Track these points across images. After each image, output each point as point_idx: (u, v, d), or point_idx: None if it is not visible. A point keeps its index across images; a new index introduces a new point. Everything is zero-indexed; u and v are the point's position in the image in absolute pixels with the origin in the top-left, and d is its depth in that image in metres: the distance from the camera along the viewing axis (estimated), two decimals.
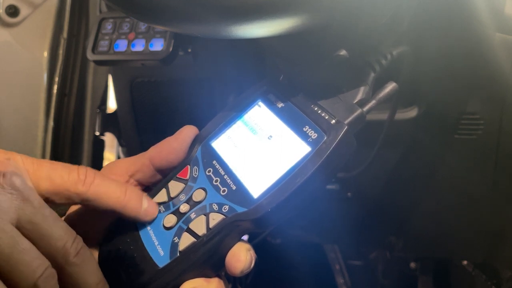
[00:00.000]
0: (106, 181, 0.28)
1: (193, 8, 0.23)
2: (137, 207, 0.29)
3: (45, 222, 0.24)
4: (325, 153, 0.27)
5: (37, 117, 0.65)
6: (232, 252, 0.28)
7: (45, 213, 0.25)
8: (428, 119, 0.51)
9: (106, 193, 0.28)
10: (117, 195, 0.28)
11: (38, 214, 0.24)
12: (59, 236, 0.25)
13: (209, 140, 0.33)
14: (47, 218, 0.25)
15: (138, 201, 0.29)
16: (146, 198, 0.30)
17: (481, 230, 0.61)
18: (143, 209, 0.29)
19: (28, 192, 0.24)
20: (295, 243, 0.89)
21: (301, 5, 0.23)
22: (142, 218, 0.30)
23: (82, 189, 0.27)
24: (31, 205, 0.24)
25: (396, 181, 0.61)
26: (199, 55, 0.61)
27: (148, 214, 0.30)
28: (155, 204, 0.31)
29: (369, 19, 0.29)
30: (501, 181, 0.53)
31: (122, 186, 0.29)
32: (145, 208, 0.30)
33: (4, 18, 0.64)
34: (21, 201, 0.24)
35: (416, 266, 0.84)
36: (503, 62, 0.43)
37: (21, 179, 0.24)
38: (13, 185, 0.24)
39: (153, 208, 0.30)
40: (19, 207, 0.24)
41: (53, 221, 0.25)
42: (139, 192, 0.30)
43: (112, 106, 0.81)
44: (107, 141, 0.79)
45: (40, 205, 0.25)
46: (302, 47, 0.30)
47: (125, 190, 0.29)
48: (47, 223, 0.24)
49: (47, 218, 0.24)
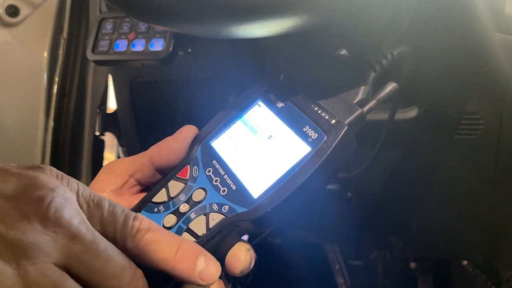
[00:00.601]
0: (158, 235, 0.24)
1: (193, 8, 0.23)
2: (190, 269, 0.24)
3: (98, 260, 0.21)
4: (325, 153, 0.27)
5: (37, 117, 0.65)
6: (232, 252, 0.28)
7: (98, 248, 0.21)
8: (428, 119, 0.51)
9: (154, 251, 0.24)
10: (167, 252, 0.24)
11: (89, 251, 0.21)
12: (114, 274, 0.22)
13: (209, 140, 0.33)
14: (100, 254, 0.21)
15: (191, 261, 0.24)
16: (204, 256, 0.25)
17: (481, 230, 0.61)
18: (197, 271, 0.24)
19: (76, 226, 0.21)
20: (295, 243, 0.89)
21: (301, 5, 0.23)
22: (195, 282, 0.24)
23: (131, 245, 0.23)
24: (80, 242, 0.21)
25: (396, 181, 0.61)
26: (199, 55, 0.61)
27: (203, 278, 0.24)
28: (216, 263, 0.25)
29: (369, 19, 0.29)
30: (501, 181, 0.53)
31: (177, 240, 0.24)
32: (199, 271, 0.24)
33: (4, 18, 0.64)
34: (68, 239, 0.21)
35: (416, 266, 0.84)
36: (503, 62, 0.43)
37: (68, 211, 0.21)
38: (58, 221, 0.21)
39: (212, 271, 0.25)
40: (66, 246, 0.21)
41: (107, 257, 0.22)
42: (196, 248, 0.25)
43: (112, 106, 0.81)
44: (107, 141, 0.79)
45: (92, 240, 0.21)
46: (302, 47, 0.30)
47: (178, 245, 0.24)
48: (100, 260, 0.21)
49: (100, 254, 0.21)
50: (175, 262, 0.24)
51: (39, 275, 0.20)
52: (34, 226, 0.20)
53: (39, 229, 0.20)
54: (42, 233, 0.20)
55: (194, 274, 0.24)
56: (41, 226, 0.20)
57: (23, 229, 0.20)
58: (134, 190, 0.33)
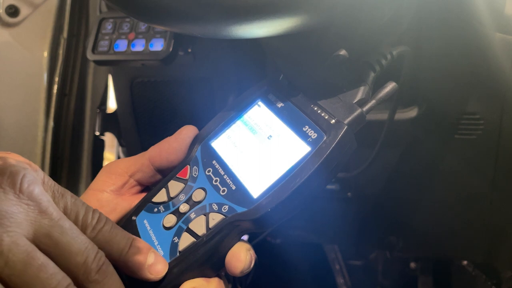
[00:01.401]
0: (114, 230, 0.26)
1: (193, 8, 0.23)
2: (141, 263, 0.26)
3: (64, 236, 0.22)
4: (325, 153, 0.27)
5: (37, 117, 0.65)
6: (232, 252, 0.28)
7: (65, 225, 0.23)
8: (428, 119, 0.51)
9: (109, 243, 0.25)
10: (120, 247, 0.25)
11: (56, 227, 0.22)
12: (79, 250, 0.23)
13: (209, 140, 0.33)
14: (67, 231, 0.23)
15: (142, 256, 0.26)
16: (154, 253, 0.27)
17: (481, 230, 0.61)
18: (147, 265, 0.26)
19: (46, 202, 0.23)
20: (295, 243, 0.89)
21: (301, 5, 0.23)
22: (146, 276, 0.26)
23: (89, 235, 0.24)
24: (49, 217, 0.22)
25: (396, 181, 0.61)
26: (199, 55, 0.61)
27: (152, 272, 0.26)
28: (164, 260, 0.27)
29: (369, 19, 0.29)
30: (501, 181, 0.53)
31: (129, 238, 0.26)
32: (149, 265, 0.26)
33: (4, 18, 0.64)
34: (38, 213, 0.22)
35: (416, 266, 0.84)
36: (503, 62, 0.43)
37: (39, 189, 0.23)
38: (30, 195, 0.22)
39: (160, 265, 0.27)
40: (36, 219, 0.22)
41: (73, 235, 0.23)
42: (146, 245, 0.27)
43: (112, 106, 0.81)
44: (107, 141, 0.79)
45: (59, 217, 0.23)
46: (302, 47, 0.30)
47: (130, 242, 0.26)
48: (66, 237, 0.22)
49: (66, 231, 0.23)
50: (128, 255, 0.25)
51: (12, 243, 0.20)
52: (8, 197, 0.21)
53: (13, 200, 0.21)
54: (15, 204, 0.21)
55: (145, 267, 0.26)
56: (15, 197, 0.22)
57: None
58: (134, 190, 0.33)
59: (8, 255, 0.20)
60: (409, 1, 0.35)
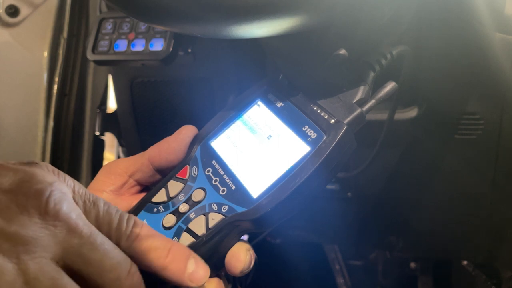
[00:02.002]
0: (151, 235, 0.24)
1: (193, 8, 0.23)
2: (181, 270, 0.25)
3: (95, 253, 0.21)
4: (325, 153, 0.27)
5: (37, 117, 0.65)
6: (231, 252, 0.28)
7: (96, 241, 0.21)
8: (428, 119, 0.51)
9: (147, 250, 0.24)
10: (158, 254, 0.24)
11: (86, 244, 0.21)
12: (111, 267, 0.21)
13: (209, 139, 0.33)
14: (98, 247, 0.21)
15: (182, 263, 0.25)
16: (194, 259, 0.25)
17: (481, 230, 0.61)
18: (187, 273, 0.25)
19: (74, 219, 0.21)
20: (295, 243, 0.89)
21: (301, 5, 0.23)
22: (186, 284, 0.25)
23: (124, 245, 0.23)
24: (78, 235, 0.21)
25: (396, 181, 0.61)
26: (199, 55, 0.61)
27: (193, 280, 0.25)
28: (205, 265, 0.26)
29: (369, 19, 0.29)
30: (501, 181, 0.53)
31: (167, 242, 0.25)
32: (189, 273, 0.25)
33: (4, 18, 0.64)
34: (67, 232, 0.21)
35: (416, 266, 0.84)
36: (503, 62, 0.43)
37: (67, 206, 0.21)
38: (57, 215, 0.20)
39: (201, 272, 0.25)
40: (65, 240, 0.20)
41: (104, 251, 0.21)
42: (186, 250, 0.26)
43: (112, 106, 0.81)
44: (107, 141, 0.79)
45: (90, 233, 0.21)
46: (302, 47, 0.30)
47: (169, 248, 0.24)
48: (98, 254, 0.21)
49: (97, 248, 0.21)
50: (166, 263, 0.24)
51: (38, 270, 0.19)
52: (33, 220, 0.20)
53: (38, 223, 0.20)
54: (41, 227, 0.20)
55: (185, 276, 0.24)
56: (40, 220, 0.20)
57: (22, 223, 0.20)
58: (133, 190, 0.33)
59: (34, 283, 0.19)
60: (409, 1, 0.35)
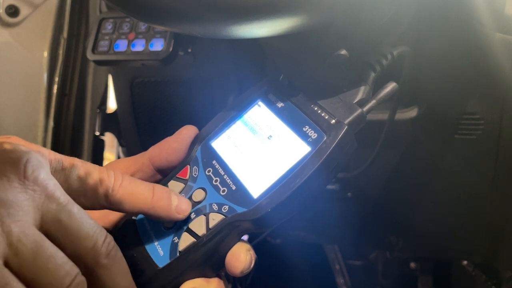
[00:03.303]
0: (133, 182, 0.27)
1: (193, 8, 0.23)
2: (167, 205, 0.27)
3: (73, 220, 0.22)
4: (325, 153, 0.27)
5: (37, 117, 0.65)
6: (232, 252, 0.28)
7: (73, 209, 0.22)
8: (428, 119, 0.51)
9: (133, 194, 0.26)
10: (144, 196, 0.26)
11: (64, 212, 0.22)
12: (88, 234, 0.22)
13: (209, 140, 0.33)
14: (75, 215, 0.22)
15: (166, 199, 0.28)
16: (175, 194, 0.29)
17: (481, 230, 0.61)
18: (173, 206, 0.28)
19: (52, 187, 0.22)
20: (295, 243, 0.89)
21: (301, 5, 0.23)
22: (174, 217, 0.28)
23: (112, 193, 0.25)
24: (56, 202, 0.22)
25: (396, 181, 0.61)
26: (199, 55, 0.61)
27: (180, 212, 0.28)
28: (186, 199, 0.29)
29: (369, 19, 0.29)
30: (501, 181, 0.53)
31: (149, 186, 0.27)
32: (175, 206, 0.28)
33: (4, 18, 0.64)
34: (45, 198, 0.21)
35: (416, 266, 0.84)
36: (503, 62, 0.43)
37: (45, 173, 0.22)
38: (36, 180, 0.21)
39: (184, 204, 0.28)
40: (43, 205, 0.21)
41: (81, 219, 0.22)
42: (166, 188, 0.28)
43: (112, 106, 0.81)
44: (107, 141, 0.79)
45: (67, 201, 0.22)
46: (302, 47, 0.30)
47: (152, 189, 0.27)
48: (75, 221, 0.22)
49: (74, 215, 0.22)
50: (153, 202, 0.27)
51: (21, 233, 0.20)
52: (13, 185, 0.21)
53: (18, 187, 0.21)
54: (21, 191, 0.21)
55: (172, 209, 0.28)
56: (19, 185, 0.21)
57: (2, 187, 0.20)
58: None
59: (18, 245, 0.20)
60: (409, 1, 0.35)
